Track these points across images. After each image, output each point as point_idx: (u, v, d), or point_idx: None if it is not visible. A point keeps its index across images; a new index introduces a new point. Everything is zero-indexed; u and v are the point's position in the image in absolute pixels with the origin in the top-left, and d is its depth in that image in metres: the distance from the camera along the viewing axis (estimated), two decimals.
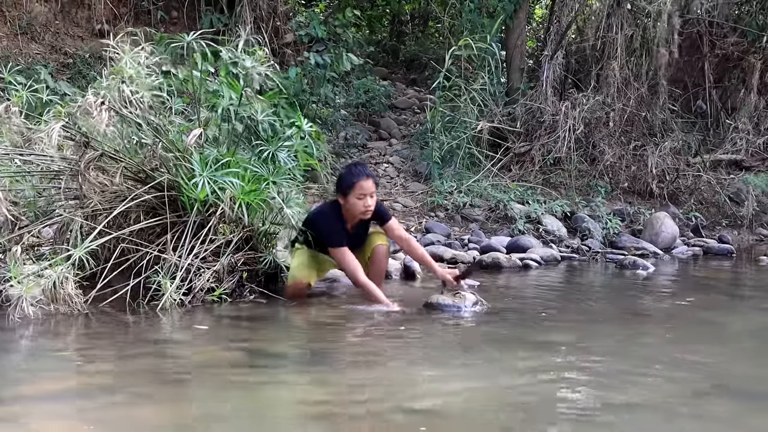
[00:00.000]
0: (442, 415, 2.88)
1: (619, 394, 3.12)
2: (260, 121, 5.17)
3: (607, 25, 10.60)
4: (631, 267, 7.10)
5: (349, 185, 4.87)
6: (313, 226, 5.02)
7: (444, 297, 4.79)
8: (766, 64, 11.61)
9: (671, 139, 10.35)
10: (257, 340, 4.09)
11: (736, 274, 7.49)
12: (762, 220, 10.19)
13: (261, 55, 5.01)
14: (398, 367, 3.61)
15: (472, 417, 2.85)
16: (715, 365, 3.69)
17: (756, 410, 2.96)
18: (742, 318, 5.02)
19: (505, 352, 3.85)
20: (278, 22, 10.02)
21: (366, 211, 4.91)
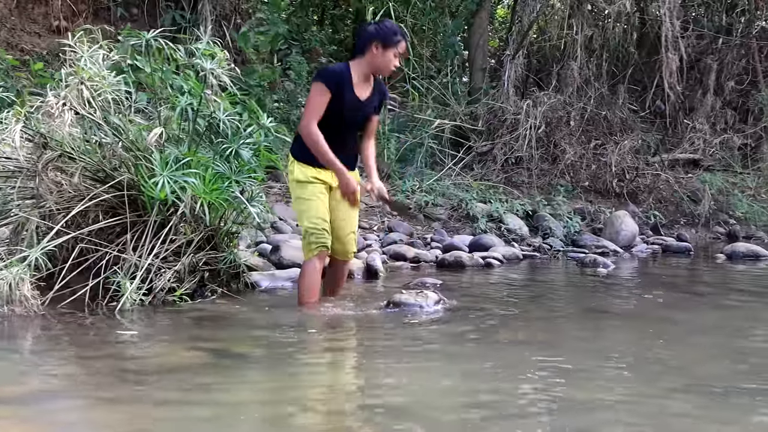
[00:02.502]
0: (406, 413, 2.87)
1: (582, 392, 3.14)
2: (222, 119, 5.13)
3: (567, 26, 10.71)
4: (592, 265, 7.17)
5: (395, 38, 4.61)
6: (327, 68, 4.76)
7: (406, 296, 4.78)
8: (722, 65, 11.81)
9: (631, 138, 10.48)
10: (220, 341, 4.05)
11: (694, 271, 7.59)
12: (719, 218, 10.35)
13: (221, 58, 4.96)
14: (361, 366, 3.60)
15: (436, 416, 2.85)
16: (676, 362, 3.73)
17: (718, 405, 3.00)
18: (701, 315, 5.08)
19: (467, 351, 3.86)
20: (240, 19, 9.96)
21: (393, 71, 4.79)
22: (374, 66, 4.66)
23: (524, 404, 2.98)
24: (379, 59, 4.61)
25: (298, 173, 4.64)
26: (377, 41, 4.58)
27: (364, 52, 4.63)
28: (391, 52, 4.62)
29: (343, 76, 4.60)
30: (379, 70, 4.70)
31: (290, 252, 6.08)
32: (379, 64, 4.64)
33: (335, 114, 4.57)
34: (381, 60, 4.62)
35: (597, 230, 8.98)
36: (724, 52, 11.87)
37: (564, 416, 2.84)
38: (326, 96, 4.52)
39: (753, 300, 5.64)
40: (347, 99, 4.60)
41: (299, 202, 4.67)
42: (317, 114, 4.52)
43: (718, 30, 11.79)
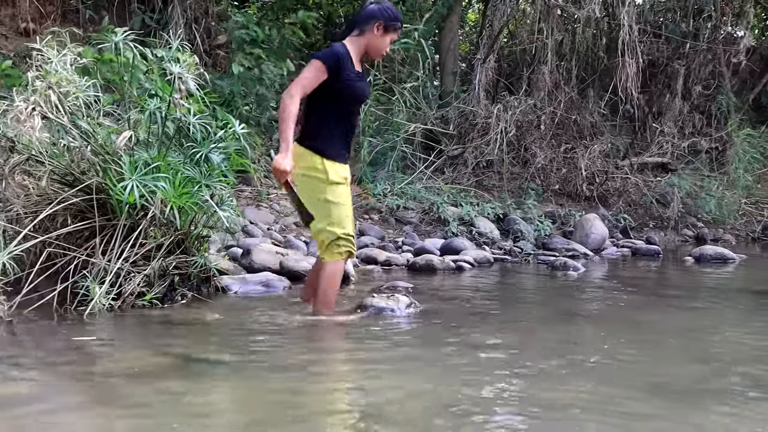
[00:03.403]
0: (377, 417, 2.87)
1: (552, 394, 3.15)
2: (192, 123, 5.10)
3: (538, 30, 10.78)
4: (562, 268, 7.21)
5: (397, 23, 4.51)
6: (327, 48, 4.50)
7: (378, 299, 4.78)
8: (689, 69, 11.95)
9: (600, 142, 10.58)
10: (189, 345, 4.02)
11: (662, 274, 7.66)
12: (687, 221, 10.46)
13: (191, 62, 4.93)
14: (333, 370, 3.59)
15: (409, 420, 2.85)
16: (643, 363, 3.76)
17: (687, 407, 3.03)
18: (669, 317, 5.13)
19: (439, 354, 3.86)
20: (211, 23, 9.91)
21: (383, 57, 4.70)
22: (371, 47, 4.51)
23: (493, 407, 2.99)
24: (377, 41, 4.48)
25: (333, 174, 4.43)
26: (380, 21, 4.44)
27: (363, 30, 4.47)
28: (389, 37, 4.52)
29: (343, 56, 4.40)
30: (373, 52, 4.56)
31: (261, 256, 6.06)
32: (375, 45, 4.50)
33: (349, 99, 4.46)
34: (378, 42, 4.48)
35: (567, 233, 9.04)
36: (692, 57, 12.02)
37: (532, 418, 2.85)
38: (321, 75, 4.32)
39: (720, 302, 5.71)
40: (354, 77, 4.45)
41: (328, 206, 4.40)
42: (304, 89, 4.30)
43: (685, 35, 11.92)
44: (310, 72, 4.33)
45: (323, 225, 4.42)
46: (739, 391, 3.22)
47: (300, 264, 6.09)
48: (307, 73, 4.34)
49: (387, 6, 4.53)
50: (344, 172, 4.52)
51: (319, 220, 4.41)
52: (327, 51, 4.46)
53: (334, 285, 4.56)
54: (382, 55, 4.65)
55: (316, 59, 4.37)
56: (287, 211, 8.15)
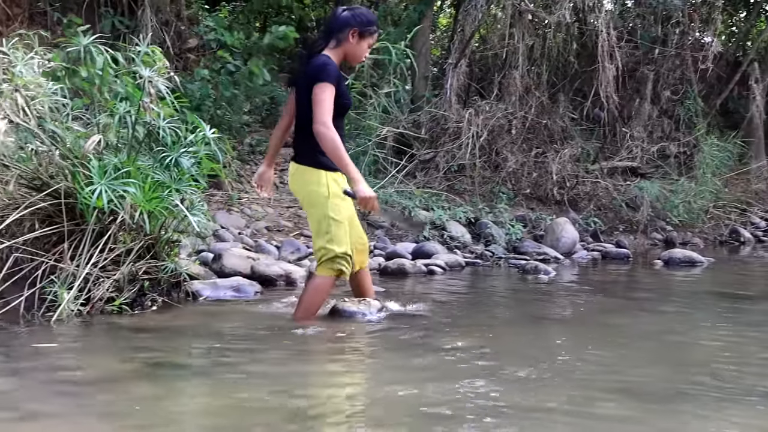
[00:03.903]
0: (347, 422, 2.87)
1: (523, 397, 3.17)
2: (162, 127, 5.06)
3: (509, 35, 10.83)
4: (533, 272, 7.25)
5: (372, 27, 4.45)
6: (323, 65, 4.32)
7: (349, 304, 4.78)
8: (658, 74, 12.07)
9: (571, 146, 10.64)
10: (159, 351, 3.99)
11: (632, 277, 7.72)
12: (656, 225, 10.56)
13: (161, 66, 4.90)
14: (302, 374, 3.58)
15: (379, 424, 2.85)
16: (616, 366, 3.79)
17: (657, 409, 3.05)
18: (639, 320, 5.17)
19: (410, 359, 3.87)
20: (182, 26, 9.85)
21: (362, 62, 4.67)
22: (348, 55, 4.49)
23: (464, 411, 2.99)
24: (354, 48, 4.45)
25: (334, 186, 4.43)
26: (354, 29, 4.40)
27: (339, 40, 4.42)
28: (366, 42, 4.49)
29: (338, 70, 4.37)
30: (350, 59, 4.54)
31: (232, 260, 6.03)
32: (353, 52, 4.48)
33: (340, 109, 4.41)
34: (355, 49, 4.46)
35: (538, 237, 9.09)
36: (660, 62, 12.14)
37: (503, 422, 2.86)
38: (333, 95, 4.28)
39: (688, 305, 5.76)
40: (344, 91, 4.44)
41: (329, 222, 4.39)
42: (330, 114, 4.25)
43: (654, 41, 12.04)
44: (328, 94, 4.25)
45: (323, 242, 4.43)
46: (708, 394, 3.26)
47: (271, 268, 6.07)
48: (326, 96, 4.25)
49: (359, 12, 4.52)
50: (343, 182, 4.50)
51: (319, 237, 4.45)
52: (329, 70, 4.30)
53: (320, 300, 4.58)
54: (361, 61, 4.65)
55: (327, 82, 4.25)
56: (258, 216, 8.12)
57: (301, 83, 4.46)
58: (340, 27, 4.42)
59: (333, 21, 4.50)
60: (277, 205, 8.56)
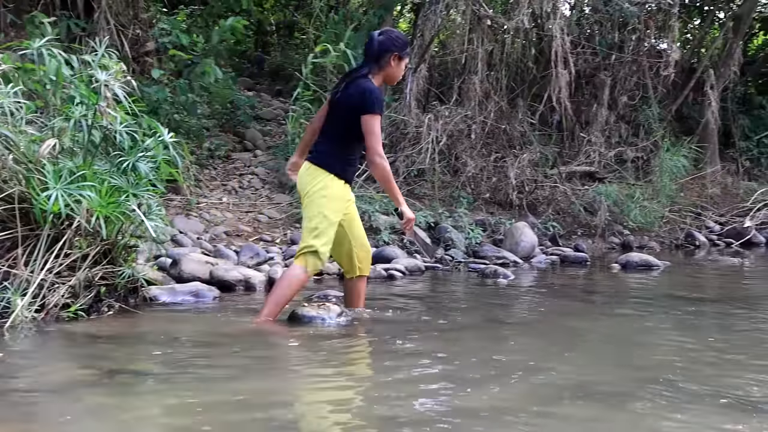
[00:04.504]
0: (305, 427, 2.86)
1: (481, 400, 3.18)
2: (119, 131, 5.01)
3: (468, 40, 10.89)
4: (493, 276, 7.29)
5: (407, 48, 4.76)
6: (370, 93, 4.55)
7: (308, 308, 4.77)
8: (615, 80, 12.22)
9: (530, 151, 10.73)
10: (116, 357, 3.94)
11: (590, 281, 7.80)
12: (614, 229, 10.67)
13: (117, 70, 4.85)
14: (261, 380, 3.55)
15: (337, 428, 2.84)
16: (574, 368, 3.83)
17: (613, 410, 3.08)
18: (596, 323, 5.23)
19: (369, 363, 3.87)
20: (139, 29, 9.75)
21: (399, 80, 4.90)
22: (388, 77, 4.74)
23: (423, 415, 3.00)
24: (394, 70, 4.70)
25: (339, 191, 4.66)
26: (395, 54, 4.66)
27: (381, 65, 4.66)
28: (404, 63, 4.74)
29: (383, 98, 4.67)
30: (390, 80, 4.80)
31: (190, 266, 5.99)
32: (392, 74, 4.73)
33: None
34: (395, 71, 4.72)
35: (497, 241, 9.14)
36: (617, 68, 12.29)
37: (462, 425, 2.87)
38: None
39: (645, 309, 5.83)
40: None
41: (321, 218, 4.59)
42: (381, 143, 4.59)
43: (611, 47, 12.18)
44: (378, 125, 4.56)
45: (309, 237, 4.60)
46: (663, 395, 3.30)
47: (230, 273, 6.03)
48: (377, 127, 4.56)
49: (396, 36, 4.75)
50: (350, 195, 4.81)
51: (308, 232, 4.62)
52: (377, 100, 4.54)
53: (291, 294, 4.67)
54: (398, 80, 4.88)
55: (377, 114, 4.54)
56: (217, 221, 8.07)
57: (342, 101, 4.66)
58: (381, 53, 4.66)
59: (372, 47, 4.69)
60: (236, 210, 8.51)
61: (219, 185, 9.17)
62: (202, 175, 9.07)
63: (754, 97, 16.02)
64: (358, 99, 4.55)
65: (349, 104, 4.59)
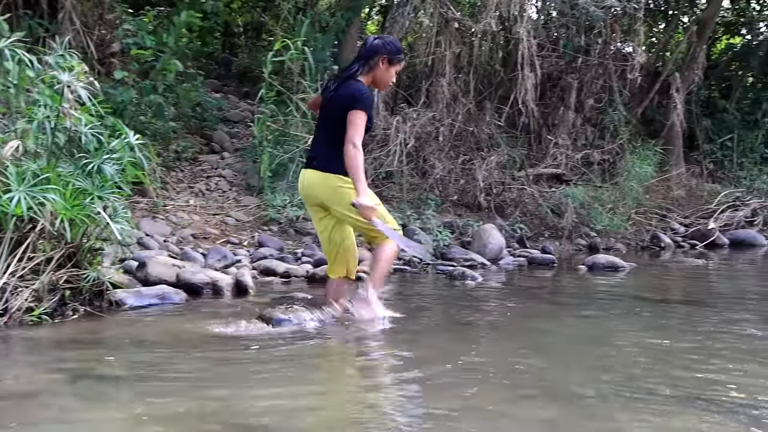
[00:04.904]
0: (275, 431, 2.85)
1: (449, 402, 3.19)
2: (83, 133, 4.96)
3: (436, 43, 10.91)
4: (461, 278, 7.30)
5: (400, 56, 4.87)
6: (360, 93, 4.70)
7: (276, 311, 4.75)
8: (581, 83, 12.31)
9: (497, 153, 10.77)
10: (80, 361, 3.90)
11: (557, 282, 7.85)
12: (580, 230, 10.76)
13: (80, 71, 4.80)
14: (230, 384, 3.53)
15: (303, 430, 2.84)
16: (540, 370, 3.85)
17: (577, 411, 3.10)
18: (563, 325, 5.26)
19: (337, 367, 3.86)
20: (104, 30, 9.65)
21: (389, 86, 5.02)
22: (377, 79, 4.86)
23: (391, 417, 3.00)
24: (383, 74, 4.82)
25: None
26: (384, 56, 4.78)
27: (371, 66, 4.79)
28: (394, 68, 4.87)
29: (371, 97, 4.75)
30: (379, 84, 4.90)
31: (157, 268, 5.94)
32: (382, 78, 4.85)
33: (368, 128, 4.74)
34: (384, 74, 4.83)
35: (465, 243, 9.16)
36: (584, 71, 12.38)
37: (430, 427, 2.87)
38: (365, 120, 4.63)
39: (611, 310, 5.88)
40: (371, 116, 4.77)
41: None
42: (361, 137, 4.60)
43: (577, 50, 12.28)
44: (361, 120, 4.60)
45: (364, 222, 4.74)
46: (626, 396, 3.33)
47: (197, 276, 5.99)
48: (360, 121, 4.60)
49: (389, 41, 4.91)
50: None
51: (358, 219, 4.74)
52: (365, 98, 4.66)
53: (390, 266, 5.13)
54: (388, 85, 5.00)
55: (362, 110, 4.62)
56: (184, 223, 8.01)
57: (335, 102, 4.78)
58: (371, 54, 4.80)
59: (364, 47, 4.87)
60: (203, 213, 8.46)
61: (186, 187, 9.10)
62: (169, 178, 9.00)
63: (718, 100, 16.22)
64: (349, 99, 4.66)
65: (342, 104, 4.68)
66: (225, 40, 15.51)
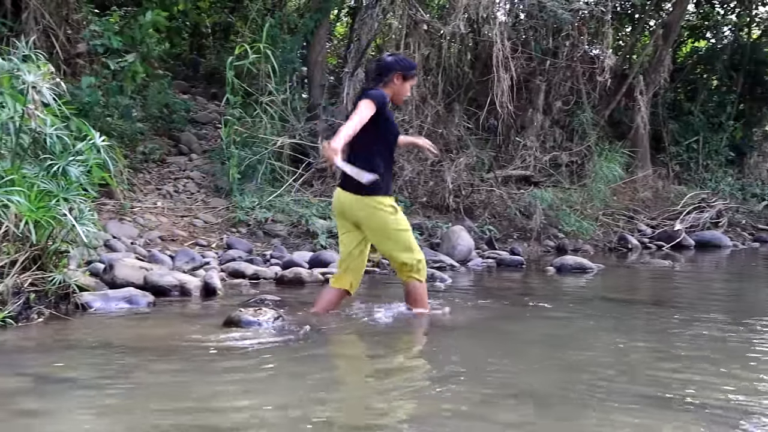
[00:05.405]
0: None
1: (417, 404, 3.19)
2: (48, 135, 4.90)
3: (405, 45, 10.92)
4: (430, 279, 7.28)
5: (414, 71, 5.07)
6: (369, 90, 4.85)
7: (245, 313, 4.72)
8: (550, 86, 12.39)
9: (466, 155, 10.80)
10: (45, 365, 3.84)
11: (526, 284, 7.88)
12: (549, 232, 10.82)
13: (45, 71, 4.74)
14: (191, 385, 3.50)
15: None
16: (508, 371, 3.86)
17: (546, 412, 3.11)
18: (532, 326, 5.28)
19: (305, 368, 3.84)
20: (70, 30, 9.55)
21: (404, 101, 5.27)
22: (394, 94, 5.00)
23: (357, 419, 2.99)
24: (398, 88, 4.98)
25: (394, 205, 4.98)
26: (399, 73, 4.94)
27: (386, 81, 4.93)
28: (409, 84, 5.05)
29: (386, 98, 4.89)
30: (395, 99, 5.08)
31: (124, 271, 5.88)
32: (397, 92, 5.01)
33: (390, 134, 4.96)
34: (399, 89, 4.99)
35: (434, 245, 9.18)
36: (552, 73, 12.47)
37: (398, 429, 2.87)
38: (373, 110, 4.67)
39: (578, 311, 5.91)
40: (391, 119, 5.00)
41: (402, 234, 5.01)
42: (361, 124, 4.62)
43: (546, 53, 12.36)
44: (365, 108, 4.67)
45: (406, 255, 5.04)
46: (594, 396, 3.34)
47: (165, 279, 5.95)
48: (363, 107, 4.67)
49: (401, 58, 5.16)
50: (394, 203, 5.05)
51: (399, 251, 5.03)
52: (377, 94, 4.78)
53: (425, 296, 5.24)
54: (403, 100, 5.29)
55: (370, 99, 4.71)
56: (152, 225, 7.95)
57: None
58: (386, 71, 4.97)
59: (379, 64, 5.07)
60: (171, 214, 8.40)
61: (154, 189, 9.03)
62: (136, 179, 8.93)
63: (683, 103, 16.42)
64: (358, 99, 4.83)
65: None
66: (193, 41, 15.40)
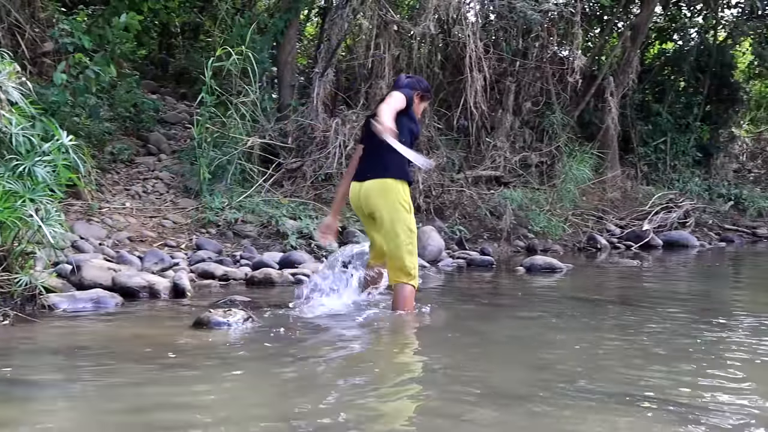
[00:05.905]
0: None
1: (386, 403, 3.19)
2: (14, 134, 4.84)
3: (375, 45, 10.93)
4: None
5: (430, 93, 5.60)
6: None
7: (214, 314, 4.69)
8: (519, 86, 12.46)
9: (436, 155, 10.82)
10: (11, 368, 3.79)
11: (496, 284, 7.91)
12: (519, 232, 10.87)
13: (11, 70, 4.69)
14: (165, 387, 3.47)
15: None
16: (478, 371, 3.87)
17: (516, 411, 3.12)
18: (503, 326, 5.30)
19: (275, 368, 3.82)
20: (37, 29, 9.44)
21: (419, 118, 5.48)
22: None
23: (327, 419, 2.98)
24: (416, 107, 5.35)
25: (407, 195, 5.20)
26: (418, 92, 5.37)
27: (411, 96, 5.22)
28: (424, 104, 5.51)
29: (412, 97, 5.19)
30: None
31: (92, 272, 5.82)
32: (415, 110, 5.33)
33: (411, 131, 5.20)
34: (416, 108, 5.35)
35: None
36: (522, 74, 12.54)
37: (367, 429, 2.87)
38: (404, 105, 5.01)
39: (548, 310, 5.93)
40: (414, 118, 5.29)
41: (410, 236, 5.19)
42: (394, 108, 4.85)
43: (515, 53, 12.42)
44: (398, 100, 4.98)
45: (407, 257, 5.17)
46: (565, 394, 3.36)
47: (133, 280, 5.89)
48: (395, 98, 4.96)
49: (419, 79, 5.59)
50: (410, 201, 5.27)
51: (401, 249, 5.15)
52: (406, 92, 5.14)
53: (413, 301, 5.30)
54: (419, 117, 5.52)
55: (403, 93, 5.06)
56: (120, 226, 7.88)
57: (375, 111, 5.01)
58: (410, 88, 5.29)
59: (402, 83, 5.37)
60: (140, 215, 8.33)
61: (122, 190, 8.95)
62: (105, 180, 8.84)
63: (652, 104, 16.57)
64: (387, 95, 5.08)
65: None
66: (162, 41, 15.28)
